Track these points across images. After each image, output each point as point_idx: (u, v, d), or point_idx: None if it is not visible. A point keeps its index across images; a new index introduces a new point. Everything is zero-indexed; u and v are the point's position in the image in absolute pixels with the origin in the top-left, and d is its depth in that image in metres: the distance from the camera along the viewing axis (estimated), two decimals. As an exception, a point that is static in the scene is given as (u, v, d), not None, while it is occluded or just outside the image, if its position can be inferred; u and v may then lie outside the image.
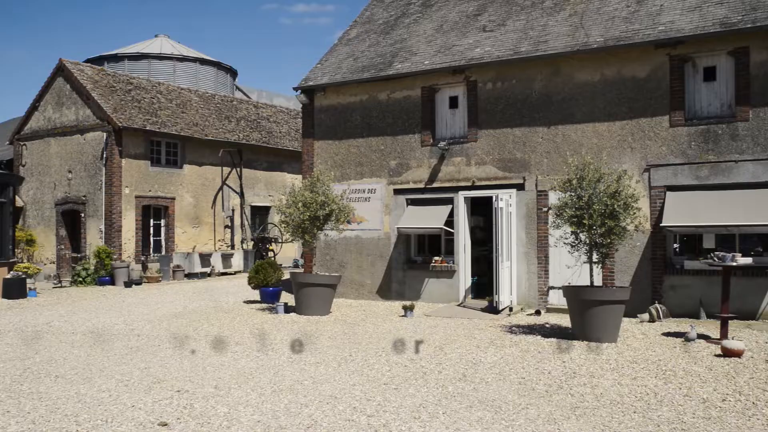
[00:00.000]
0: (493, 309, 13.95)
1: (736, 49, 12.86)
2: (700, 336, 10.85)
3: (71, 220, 23.89)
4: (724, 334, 10.42)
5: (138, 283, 21.03)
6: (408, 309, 13.62)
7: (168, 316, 14.07)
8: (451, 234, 15.65)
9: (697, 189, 13.04)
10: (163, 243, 24.14)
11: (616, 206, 10.54)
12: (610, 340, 10.56)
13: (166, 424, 6.47)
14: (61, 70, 23.80)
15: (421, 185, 15.99)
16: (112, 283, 21.03)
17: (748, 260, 11.38)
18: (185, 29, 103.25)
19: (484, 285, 15.84)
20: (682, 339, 10.68)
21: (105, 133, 22.30)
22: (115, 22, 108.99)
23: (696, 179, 13.07)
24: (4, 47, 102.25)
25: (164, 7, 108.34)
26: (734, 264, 10.66)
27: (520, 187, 14.79)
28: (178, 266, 22.76)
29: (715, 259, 10.80)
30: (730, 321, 10.76)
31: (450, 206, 15.55)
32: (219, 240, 25.93)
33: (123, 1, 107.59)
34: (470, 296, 15.52)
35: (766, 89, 12.56)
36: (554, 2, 16.12)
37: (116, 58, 30.83)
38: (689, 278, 13.04)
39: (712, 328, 11.48)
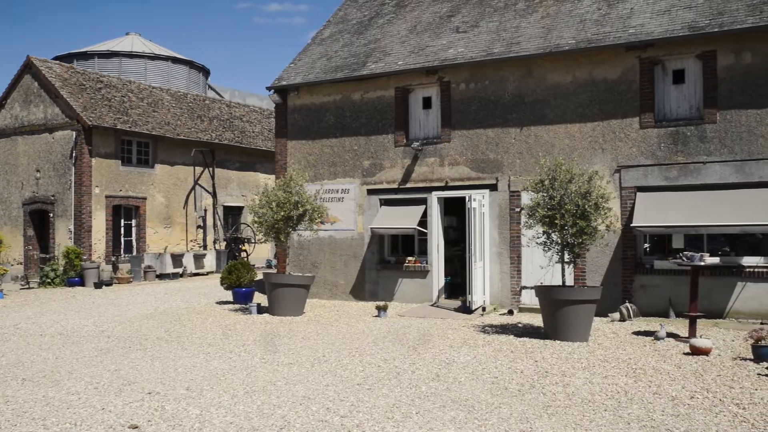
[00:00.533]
0: (466, 309, 14.01)
1: (704, 53, 13.08)
2: (670, 335, 11.01)
3: (39, 220, 23.49)
4: (692, 333, 10.60)
5: (108, 284, 20.74)
6: (381, 309, 13.63)
7: (139, 317, 13.91)
8: (425, 234, 15.69)
9: (666, 190, 13.23)
10: (134, 243, 23.85)
11: (587, 206, 10.65)
12: (582, 339, 10.67)
13: (136, 427, 6.39)
14: (28, 68, 23.38)
15: (395, 185, 16.01)
16: (82, 284, 20.72)
17: (716, 260, 11.59)
18: (157, 27, 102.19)
19: (457, 285, 15.91)
20: (652, 338, 10.83)
21: (74, 132, 21.97)
22: (86, 19, 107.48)
23: (665, 180, 13.27)
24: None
25: (136, 5, 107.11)
26: (702, 264, 10.85)
27: (493, 187, 14.88)
28: (149, 267, 22.50)
29: (684, 259, 10.98)
30: (698, 320, 10.94)
31: (423, 206, 15.59)
32: (191, 240, 25.70)
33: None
34: (443, 296, 15.57)
35: (733, 92, 12.79)
36: (527, 4, 16.24)
37: (86, 56, 30.41)
38: (659, 278, 13.23)
39: (681, 327, 11.66)
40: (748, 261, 12.72)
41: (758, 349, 9.09)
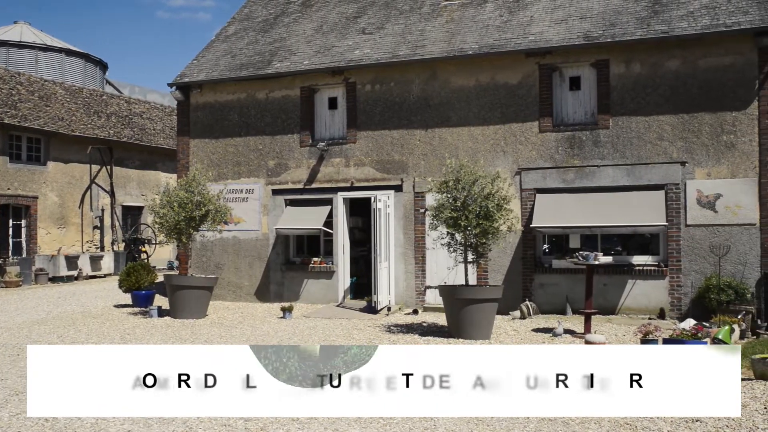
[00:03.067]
0: (371, 309, 14.08)
1: (598, 61, 13.71)
2: (567, 331, 11.47)
3: None
4: (587, 329, 11.09)
5: (-5, 288, 19.57)
6: (287, 310, 13.51)
7: (29, 323, 13.18)
8: (330, 235, 15.66)
9: (563, 192, 13.76)
10: (23, 245, 22.59)
11: (490, 206, 10.91)
12: (484, 337, 10.95)
13: (25, 439, 6.06)
14: None
15: (300, 186, 15.90)
16: (-35, 288, 19.44)
17: (609, 259, 12.19)
18: (50, 17, 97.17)
19: (363, 285, 15.96)
20: (550, 334, 11.25)
21: (-43, 126, 20.59)
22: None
23: (563, 182, 13.80)
24: None
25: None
26: (596, 263, 11.37)
27: (398, 188, 15.03)
28: (41, 269, 21.38)
29: (580, 258, 11.46)
30: (593, 316, 11.45)
31: (329, 207, 15.56)
32: (87, 241, 24.61)
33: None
34: (349, 297, 15.59)
35: (624, 100, 13.46)
36: (432, 8, 16.51)
37: (-31, 45, 28.53)
38: (557, 276, 13.75)
39: (578, 323, 12.15)
40: (637, 260, 13.41)
41: (646, 342, 9.60)
